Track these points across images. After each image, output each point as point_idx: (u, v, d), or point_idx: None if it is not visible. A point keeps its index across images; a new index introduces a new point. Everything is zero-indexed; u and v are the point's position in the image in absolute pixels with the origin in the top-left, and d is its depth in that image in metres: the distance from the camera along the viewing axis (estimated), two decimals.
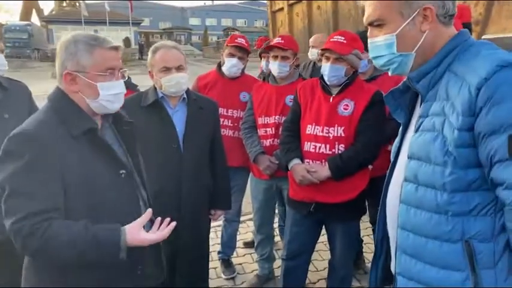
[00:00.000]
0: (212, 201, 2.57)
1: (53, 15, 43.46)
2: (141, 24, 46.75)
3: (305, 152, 2.44)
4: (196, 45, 51.02)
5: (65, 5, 48.35)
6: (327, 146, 2.36)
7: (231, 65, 3.18)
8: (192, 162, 2.35)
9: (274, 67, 2.85)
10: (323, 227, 2.67)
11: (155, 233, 1.53)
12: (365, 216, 2.75)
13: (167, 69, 2.27)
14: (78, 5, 42.37)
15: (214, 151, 2.54)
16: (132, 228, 1.45)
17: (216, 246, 3.61)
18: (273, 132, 2.85)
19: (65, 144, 1.45)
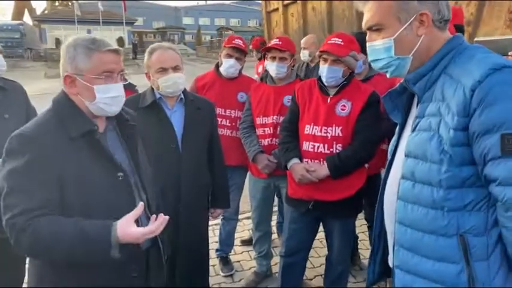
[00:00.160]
0: (211, 200, 2.59)
1: (45, 14, 43.08)
2: (135, 24, 46.49)
3: (304, 151, 2.47)
4: (190, 45, 50.74)
5: (57, 4, 47.99)
6: (325, 145, 2.40)
7: (228, 66, 3.20)
8: (191, 162, 2.36)
9: (272, 68, 2.88)
10: (320, 225, 2.71)
11: (147, 227, 1.47)
12: (359, 214, 2.78)
13: (164, 70, 2.28)
14: (70, 4, 42.09)
15: (212, 151, 2.56)
16: (122, 221, 1.42)
17: (214, 245, 3.62)
18: (271, 132, 2.88)
19: (64, 146, 1.46)
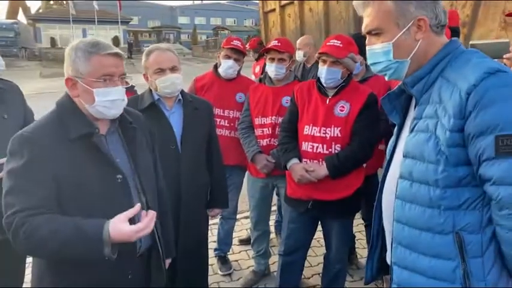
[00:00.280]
0: (210, 199, 2.61)
1: (40, 13, 42.89)
2: (130, 23, 46.40)
3: (303, 151, 2.50)
4: (186, 44, 50.57)
5: (52, 3, 47.73)
6: (324, 146, 2.43)
7: (227, 67, 3.23)
8: (190, 162, 2.38)
9: (271, 69, 2.90)
10: (319, 224, 2.74)
11: (137, 224, 1.46)
12: (356, 214, 2.81)
13: (161, 71, 2.30)
14: (65, 3, 41.89)
15: (211, 151, 2.58)
16: (115, 219, 1.42)
17: (212, 244, 3.64)
18: (270, 132, 2.91)
19: (63, 147, 1.48)
